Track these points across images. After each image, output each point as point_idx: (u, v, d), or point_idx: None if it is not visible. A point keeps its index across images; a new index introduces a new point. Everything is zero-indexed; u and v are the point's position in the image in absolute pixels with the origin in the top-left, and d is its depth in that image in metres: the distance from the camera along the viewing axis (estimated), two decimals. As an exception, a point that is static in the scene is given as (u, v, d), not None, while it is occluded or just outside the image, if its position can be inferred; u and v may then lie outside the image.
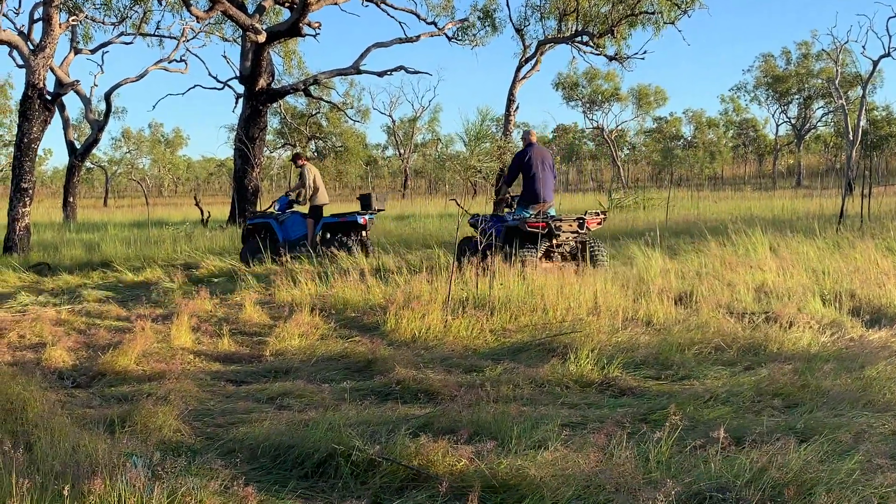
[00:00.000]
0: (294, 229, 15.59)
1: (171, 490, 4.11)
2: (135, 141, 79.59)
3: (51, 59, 18.60)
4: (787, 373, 6.68)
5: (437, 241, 17.10)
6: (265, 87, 24.41)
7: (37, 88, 17.62)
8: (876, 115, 68.96)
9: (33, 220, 18.29)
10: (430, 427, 5.61)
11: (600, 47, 32.37)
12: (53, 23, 17.84)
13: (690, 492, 4.29)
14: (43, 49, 17.85)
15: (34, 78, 17.59)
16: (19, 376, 6.75)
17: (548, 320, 9.25)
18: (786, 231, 15.81)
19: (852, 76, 59.10)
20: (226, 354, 8.54)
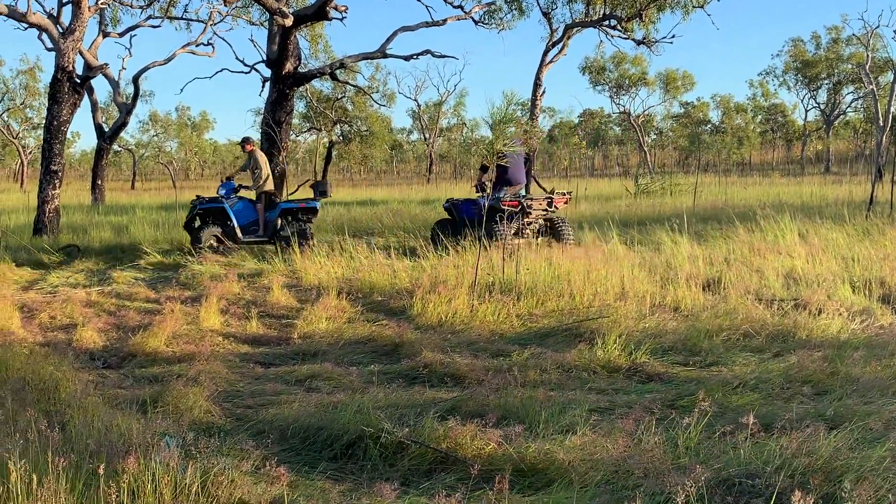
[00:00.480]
0: (245, 215, 15.36)
1: (204, 470, 4.16)
2: (162, 124, 79.99)
3: (80, 42, 18.69)
4: (817, 360, 6.64)
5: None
6: (292, 71, 24.41)
7: (66, 72, 17.72)
8: (907, 100, 68.16)
9: (63, 202, 18.44)
10: (458, 411, 5.64)
11: (628, 31, 32.10)
12: (83, 6, 17.92)
13: (719, 478, 4.29)
14: (72, 32, 17.94)
15: (63, 61, 17.69)
16: (51, 357, 6.84)
17: (574, 306, 9.24)
18: (815, 217, 15.69)
19: (883, 61, 58.35)
20: (254, 337, 8.61)
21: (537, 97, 32.03)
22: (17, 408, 5.12)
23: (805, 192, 27.18)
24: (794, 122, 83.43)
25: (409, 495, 4.33)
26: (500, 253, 11.11)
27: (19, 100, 61.79)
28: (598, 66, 69.10)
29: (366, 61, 30.85)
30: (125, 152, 71.66)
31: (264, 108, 25.73)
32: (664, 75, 73.02)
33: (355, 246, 13.07)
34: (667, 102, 78.42)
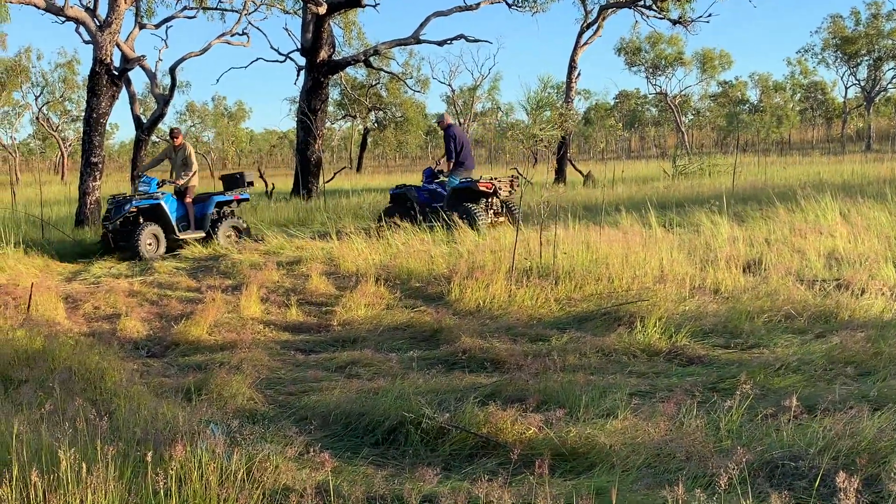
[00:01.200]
0: (176, 209, 15.02)
1: (249, 456, 4.22)
2: (199, 114, 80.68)
3: (117, 34, 18.88)
4: (860, 340, 6.57)
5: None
6: (326, 59, 24.51)
7: (104, 64, 17.92)
8: (950, 75, 66.87)
9: (103, 193, 18.66)
10: (498, 395, 5.66)
11: (664, 11, 31.79)
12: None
13: (762, 460, 4.27)
14: (109, 25, 18.13)
15: (101, 54, 17.89)
16: (97, 346, 6.96)
17: (613, 289, 9.20)
18: (856, 196, 15.44)
19: (925, 36, 57.36)
20: (294, 324, 8.69)
21: (572, 80, 31.85)
22: (65, 397, 5.21)
23: (846, 170, 26.79)
24: (833, 100, 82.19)
25: (451, 480, 4.36)
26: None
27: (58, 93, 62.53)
28: (633, 47, 68.47)
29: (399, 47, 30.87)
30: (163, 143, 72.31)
31: (299, 97, 25.88)
32: (701, 55, 72.22)
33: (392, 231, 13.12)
34: (704, 82, 77.61)
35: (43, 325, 7.70)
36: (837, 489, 3.27)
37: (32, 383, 5.71)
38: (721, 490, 3.60)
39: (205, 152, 78.26)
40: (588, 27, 31.89)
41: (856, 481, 3.28)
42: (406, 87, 51.43)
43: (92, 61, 18.08)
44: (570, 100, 32.02)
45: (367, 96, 52.43)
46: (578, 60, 31.74)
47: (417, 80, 60.83)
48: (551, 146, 32.58)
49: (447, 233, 13.16)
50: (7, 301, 8.87)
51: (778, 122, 79.09)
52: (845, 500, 3.24)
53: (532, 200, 15.03)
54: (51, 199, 28.57)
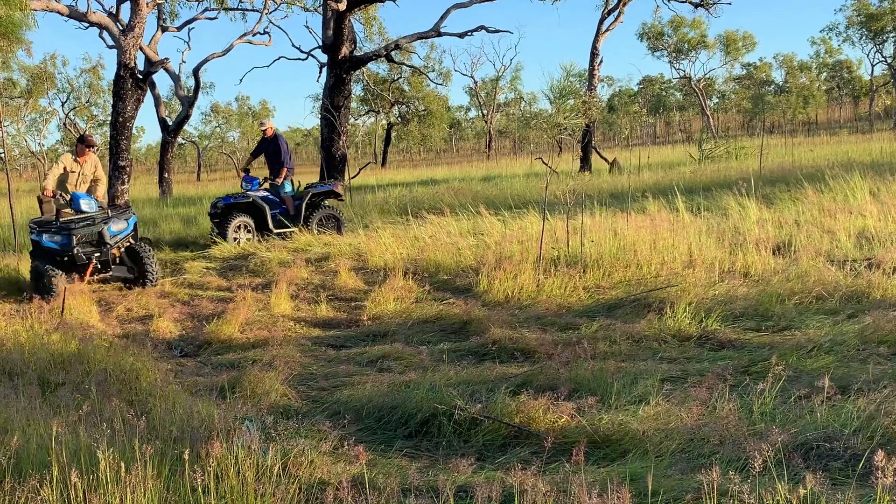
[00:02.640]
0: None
1: (284, 451, 4.27)
2: (224, 115, 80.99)
3: (140, 38, 19.03)
4: (893, 319, 6.51)
5: (523, 200, 17.06)
6: (348, 55, 24.55)
7: (128, 68, 18.07)
8: (979, 49, 65.86)
9: (131, 196, 18.85)
10: (529, 385, 5.68)
11: (685, -6, 31.58)
12: (141, 2, 18.23)
13: (797, 442, 4.25)
14: (132, 29, 18.27)
15: (125, 58, 18.04)
16: (131, 348, 7.04)
17: (642, 275, 9.18)
18: (886, 175, 15.29)
19: (953, 9, 56.53)
20: (324, 320, 8.74)
21: (595, 67, 31.72)
22: (102, 398, 5.29)
23: (874, 148, 26.50)
24: (860, 78, 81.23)
25: (484, 469, 4.38)
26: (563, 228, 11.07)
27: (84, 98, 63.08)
28: (655, 32, 67.99)
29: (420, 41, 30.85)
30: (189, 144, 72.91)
31: (322, 94, 25.94)
32: (724, 37, 71.57)
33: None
34: (728, 65, 76.91)
35: (77, 329, 7.78)
36: (875, 468, 3.25)
37: (69, 386, 5.79)
38: (756, 472, 3.60)
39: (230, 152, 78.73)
40: (609, 13, 31.73)
41: (895, 460, 3.26)
42: (428, 81, 51.47)
43: (116, 66, 18.23)
44: (593, 87, 31.90)
45: (390, 91, 52.52)
46: (600, 47, 31.60)
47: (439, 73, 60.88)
48: (576, 134, 32.48)
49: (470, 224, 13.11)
50: (41, 305, 8.98)
51: (804, 103, 78.32)
52: (883, 479, 3.22)
53: (558, 189, 14.98)
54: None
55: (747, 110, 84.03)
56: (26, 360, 6.37)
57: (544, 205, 11.64)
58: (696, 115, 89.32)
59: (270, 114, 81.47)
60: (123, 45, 18.11)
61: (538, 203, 14.71)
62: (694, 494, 3.74)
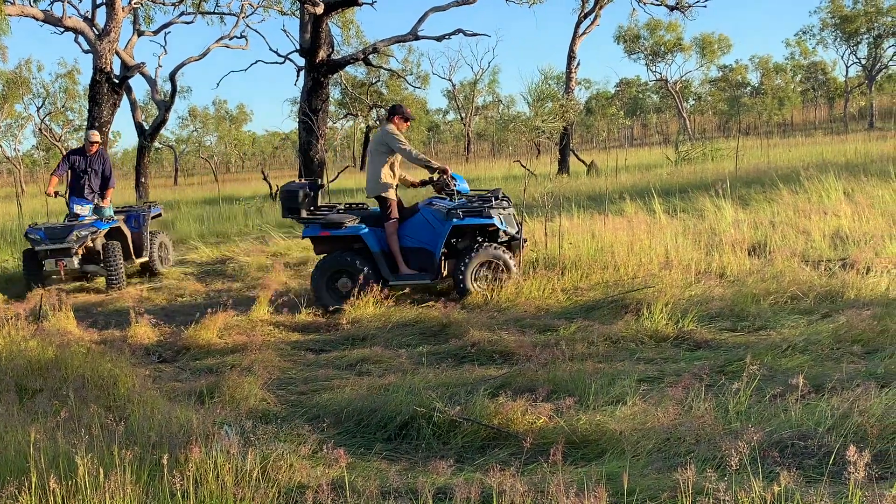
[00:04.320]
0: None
1: (264, 456, 4.28)
2: (201, 119, 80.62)
3: (116, 42, 18.98)
4: (866, 319, 6.59)
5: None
6: (325, 59, 24.53)
7: (104, 73, 18.01)
8: (951, 50, 66.63)
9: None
10: (508, 387, 5.71)
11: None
12: (116, 7, 18.19)
13: (771, 440, 4.31)
14: (108, 33, 18.23)
15: (101, 62, 17.98)
16: (108, 354, 7.01)
17: (619, 277, 9.24)
18: (860, 175, 15.47)
19: (925, 11, 57.15)
20: (304, 324, 8.74)
21: (572, 70, 31.85)
22: (80, 404, 5.28)
23: (849, 149, 26.75)
24: (835, 80, 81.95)
25: (464, 471, 4.40)
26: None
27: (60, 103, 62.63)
28: (632, 35, 68.34)
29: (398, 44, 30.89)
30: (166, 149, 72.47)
31: (300, 98, 25.91)
32: (700, 39, 72.02)
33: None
34: (704, 67, 77.40)
35: (54, 335, 7.75)
36: (847, 464, 3.31)
37: (47, 392, 5.77)
38: (732, 471, 3.64)
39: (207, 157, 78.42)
40: (586, 16, 31.87)
41: (866, 455, 3.32)
42: (406, 84, 51.49)
43: (92, 70, 18.19)
44: (570, 90, 32.02)
45: (368, 94, 52.44)
46: (577, 50, 31.74)
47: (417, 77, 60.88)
48: (553, 137, 32.58)
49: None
50: (19, 312, 8.92)
51: (780, 104, 78.87)
52: (855, 475, 3.28)
53: (536, 192, 15.03)
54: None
55: (723, 112, 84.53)
56: (3, 367, 6.34)
57: (522, 207, 11.69)
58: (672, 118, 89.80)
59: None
60: (99, 50, 18.04)
61: (517, 205, 14.73)
62: (670, 493, 3.78)
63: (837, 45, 72.64)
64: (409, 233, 9.59)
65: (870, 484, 3.62)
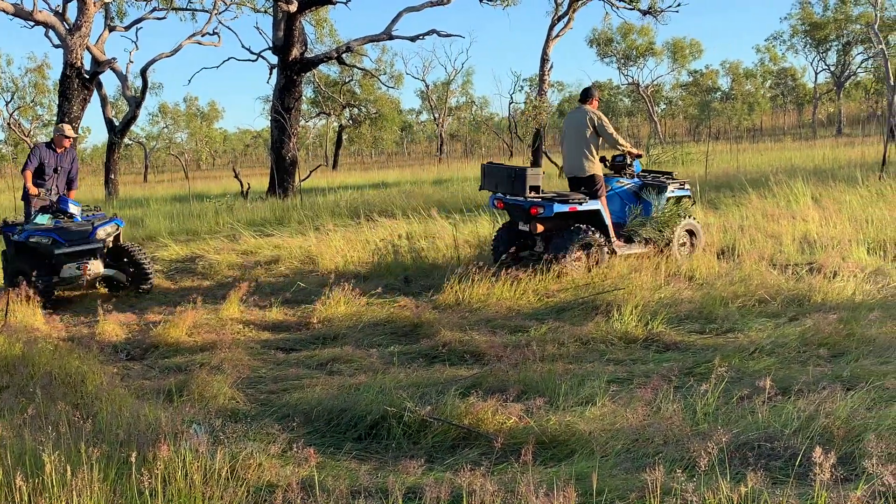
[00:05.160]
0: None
1: (233, 454, 4.26)
2: (171, 116, 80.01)
3: (87, 38, 18.80)
4: (833, 322, 6.69)
5: (475, 203, 17.10)
6: (298, 57, 24.47)
7: (75, 68, 17.85)
8: (918, 58, 67.55)
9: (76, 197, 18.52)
10: (479, 387, 5.73)
11: (633, 1, 31.96)
12: (88, 2, 18.03)
13: (738, 442, 4.35)
14: (79, 28, 18.06)
15: (72, 57, 17.81)
16: (76, 351, 6.95)
17: (590, 279, 9.28)
18: (828, 180, 15.65)
19: (892, 20, 57.78)
20: (274, 323, 8.71)
21: (545, 72, 31.96)
22: (47, 402, 5.23)
23: (817, 155, 27.04)
24: (804, 86, 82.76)
25: (434, 471, 4.41)
26: None
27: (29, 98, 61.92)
28: (605, 38, 68.72)
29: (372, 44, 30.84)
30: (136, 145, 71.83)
31: (273, 96, 25.81)
32: (672, 44, 72.55)
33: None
34: (675, 71, 77.98)
35: (21, 332, 7.67)
36: (813, 465, 3.35)
37: (13, 389, 5.71)
38: (700, 471, 3.68)
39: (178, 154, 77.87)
40: (559, 19, 32.01)
41: (832, 457, 3.36)
42: (380, 84, 51.41)
43: (62, 65, 18.01)
44: (543, 92, 32.12)
45: (341, 93, 52.32)
46: (551, 53, 31.85)
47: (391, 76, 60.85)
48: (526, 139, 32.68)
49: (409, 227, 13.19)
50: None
51: (749, 110, 79.53)
52: (821, 476, 3.32)
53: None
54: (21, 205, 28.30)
55: (694, 116, 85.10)
56: (-32, 364, 6.26)
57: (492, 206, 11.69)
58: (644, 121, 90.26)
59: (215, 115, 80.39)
60: (70, 45, 17.88)
61: (489, 207, 14.74)
62: (638, 493, 3.81)
63: (807, 51, 73.36)
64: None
65: (835, 485, 3.67)
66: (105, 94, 32.15)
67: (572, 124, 10.62)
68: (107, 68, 23.75)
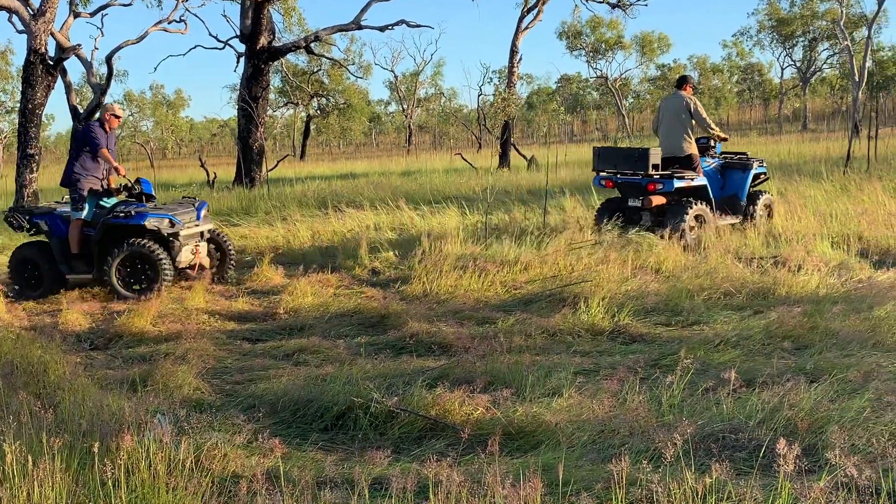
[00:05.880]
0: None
1: (197, 445, 4.22)
2: (137, 103, 79.17)
3: (51, 23, 18.50)
4: (797, 315, 6.75)
5: (443, 195, 17.09)
6: (266, 46, 24.29)
7: (39, 54, 17.57)
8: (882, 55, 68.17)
9: (41, 185, 18.30)
10: (446, 378, 5.71)
11: (602, -5, 32.04)
12: (52, -13, 17.74)
13: (703, 433, 4.39)
14: (43, 14, 17.77)
15: (35, 43, 17.53)
16: (39, 340, 6.86)
17: (558, 271, 9.31)
18: (793, 175, 15.81)
19: (857, 16, 58.41)
20: (240, 313, 8.64)
21: (514, 64, 31.96)
22: (8, 391, 5.16)
23: (783, 150, 27.31)
24: (770, 81, 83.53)
25: (400, 462, 4.40)
26: None
27: (-9, 84, 61.00)
28: (574, 31, 68.88)
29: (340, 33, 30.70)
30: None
31: (240, 84, 25.62)
32: (640, 38, 72.90)
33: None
34: (643, 65, 78.39)
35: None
36: (777, 456, 3.38)
37: (-27, 379, 5.62)
38: (666, 462, 3.70)
39: (143, 142, 77.08)
40: (528, 12, 32.02)
41: (795, 448, 3.39)
42: (348, 74, 51.16)
43: (26, 51, 17.71)
44: (512, 84, 32.14)
45: (309, 83, 52.02)
46: (520, 45, 31.85)
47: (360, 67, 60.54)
48: (495, 131, 32.70)
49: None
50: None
51: (716, 104, 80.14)
52: (784, 467, 3.35)
53: (477, 185, 15.06)
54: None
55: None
56: (-72, 353, 6.16)
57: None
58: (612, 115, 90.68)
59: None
60: (34, 31, 17.60)
61: (457, 198, 14.75)
62: (604, 484, 3.82)
63: (773, 47, 73.98)
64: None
65: (798, 476, 3.70)
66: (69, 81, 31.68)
67: (670, 108, 11.63)
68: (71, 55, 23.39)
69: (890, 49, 69.88)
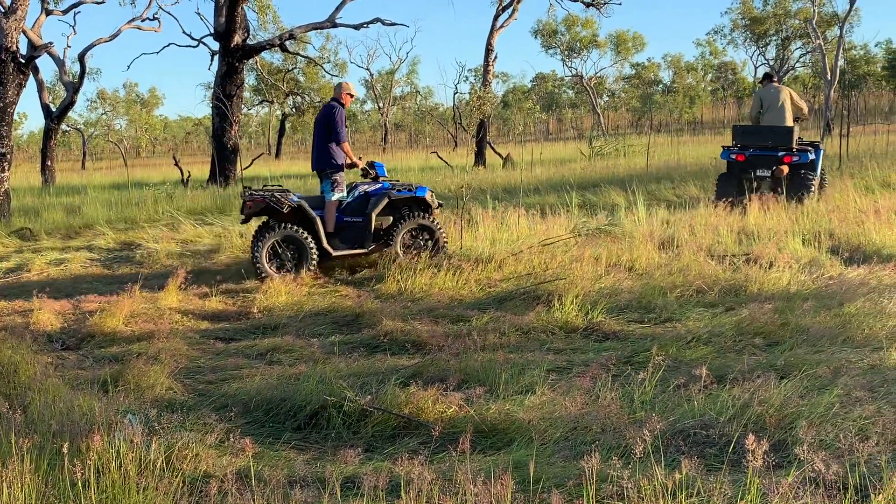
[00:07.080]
0: None
1: (168, 445, 4.20)
2: (110, 102, 78.63)
3: (23, 21, 18.30)
4: (768, 312, 6.81)
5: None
6: (240, 44, 24.19)
7: (10, 52, 17.37)
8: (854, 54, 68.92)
9: (12, 185, 18.10)
10: (420, 376, 5.72)
11: (577, -7, 32.13)
12: (23, -16, 17.55)
13: (675, 429, 4.41)
14: (14, 11, 17.57)
15: (7, 41, 17.34)
16: (9, 340, 6.80)
17: (532, 269, 9.33)
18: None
19: (829, 16, 58.93)
20: (214, 313, 8.60)
21: (489, 63, 31.98)
22: (-23, 392, 5.10)
23: (756, 148, 27.47)
24: (744, 80, 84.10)
25: (373, 460, 4.40)
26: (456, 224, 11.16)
27: (-38, 82, 60.30)
28: (549, 30, 69.12)
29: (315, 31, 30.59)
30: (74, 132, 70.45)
31: (214, 82, 25.49)
32: (615, 37, 73.26)
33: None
34: (618, 64, 78.76)
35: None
36: (746, 452, 3.41)
37: (-58, 380, 5.56)
38: (636, 459, 3.72)
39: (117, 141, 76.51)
40: (504, 10, 32.05)
41: (764, 444, 3.42)
42: (324, 72, 51.02)
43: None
44: (487, 83, 32.17)
45: (284, 81, 51.84)
46: (495, 43, 31.88)
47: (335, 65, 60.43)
48: (471, 129, 32.72)
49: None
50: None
51: (690, 103, 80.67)
52: (754, 462, 3.38)
53: (453, 184, 15.06)
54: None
55: (636, 109, 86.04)
56: None
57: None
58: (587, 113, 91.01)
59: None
60: (5, 28, 17.40)
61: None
62: (575, 481, 3.83)
63: (747, 45, 74.50)
64: None
65: (767, 472, 3.74)
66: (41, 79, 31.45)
67: (772, 97, 13.84)
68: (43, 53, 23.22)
69: (862, 48, 70.61)
